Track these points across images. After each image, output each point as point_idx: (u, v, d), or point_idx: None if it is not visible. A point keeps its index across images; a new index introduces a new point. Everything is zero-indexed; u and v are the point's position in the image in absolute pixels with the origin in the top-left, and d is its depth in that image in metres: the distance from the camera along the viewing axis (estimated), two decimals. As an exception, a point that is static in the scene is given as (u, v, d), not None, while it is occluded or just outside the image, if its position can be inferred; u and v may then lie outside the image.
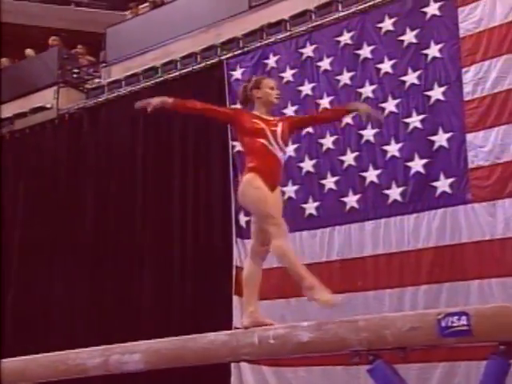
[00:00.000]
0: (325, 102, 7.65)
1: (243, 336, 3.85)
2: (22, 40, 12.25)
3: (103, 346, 4.28)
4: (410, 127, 7.12)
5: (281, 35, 8.36)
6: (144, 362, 4.04)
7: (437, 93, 6.98)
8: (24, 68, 11.45)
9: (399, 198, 7.08)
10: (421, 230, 6.89)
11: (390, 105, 7.25)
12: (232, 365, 7.46)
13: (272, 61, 8.18)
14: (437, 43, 7.05)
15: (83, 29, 13.75)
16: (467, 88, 6.80)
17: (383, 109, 7.26)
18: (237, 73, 8.40)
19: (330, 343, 3.53)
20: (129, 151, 9.36)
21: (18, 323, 9.31)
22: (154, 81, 9.42)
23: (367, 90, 7.34)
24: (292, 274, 3.90)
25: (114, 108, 9.71)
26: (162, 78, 9.33)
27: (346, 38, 7.68)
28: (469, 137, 6.74)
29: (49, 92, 10.57)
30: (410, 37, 7.24)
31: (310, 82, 7.84)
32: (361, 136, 7.42)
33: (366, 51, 7.51)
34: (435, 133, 6.94)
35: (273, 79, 4.47)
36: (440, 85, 6.97)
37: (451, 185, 6.78)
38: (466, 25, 6.89)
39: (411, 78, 7.16)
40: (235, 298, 7.64)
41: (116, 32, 10.80)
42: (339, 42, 7.72)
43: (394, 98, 7.24)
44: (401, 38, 7.30)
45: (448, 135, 6.87)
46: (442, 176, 6.84)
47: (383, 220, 7.12)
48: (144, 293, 8.67)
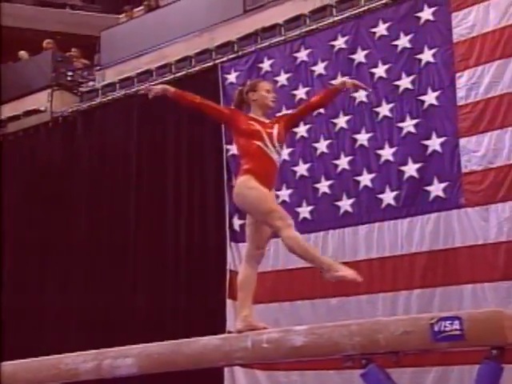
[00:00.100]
0: (319, 106, 7.67)
1: (236, 340, 3.83)
2: (17, 43, 12.21)
3: (96, 351, 4.26)
4: (404, 132, 7.14)
5: (275, 39, 8.38)
6: (137, 367, 4.01)
7: (430, 97, 7.01)
8: (18, 70, 11.42)
9: (393, 202, 7.10)
10: (414, 234, 6.92)
11: (384, 109, 7.28)
12: (225, 369, 7.44)
13: (266, 65, 8.20)
14: (430, 48, 7.08)
15: (78, 32, 13.72)
16: (460, 93, 6.83)
17: (377, 113, 7.29)
18: (231, 76, 8.42)
19: (324, 347, 3.52)
20: (123, 154, 9.37)
21: (11, 325, 9.26)
22: (149, 84, 9.39)
23: (361, 95, 7.33)
24: (309, 261, 3.87)
25: (108, 111, 9.72)
26: (157, 82, 9.31)
27: (340, 43, 7.70)
28: (462, 141, 6.77)
29: (43, 95, 10.55)
30: (404, 41, 7.27)
31: (305, 86, 7.86)
32: (355, 140, 7.44)
33: (360, 56, 7.53)
34: (429, 137, 6.97)
35: (269, 82, 4.45)
36: (434, 89, 7.00)
37: (444, 189, 6.81)
38: (460, 30, 6.92)
39: (405, 83, 7.19)
40: (229, 302, 7.64)
41: (110, 35, 10.80)
42: (333, 47, 7.75)
43: (388, 103, 7.26)
44: (395, 43, 7.33)
45: (441, 140, 6.89)
46: (436, 180, 6.86)
47: (377, 224, 7.15)
48: (137, 297, 8.66)
